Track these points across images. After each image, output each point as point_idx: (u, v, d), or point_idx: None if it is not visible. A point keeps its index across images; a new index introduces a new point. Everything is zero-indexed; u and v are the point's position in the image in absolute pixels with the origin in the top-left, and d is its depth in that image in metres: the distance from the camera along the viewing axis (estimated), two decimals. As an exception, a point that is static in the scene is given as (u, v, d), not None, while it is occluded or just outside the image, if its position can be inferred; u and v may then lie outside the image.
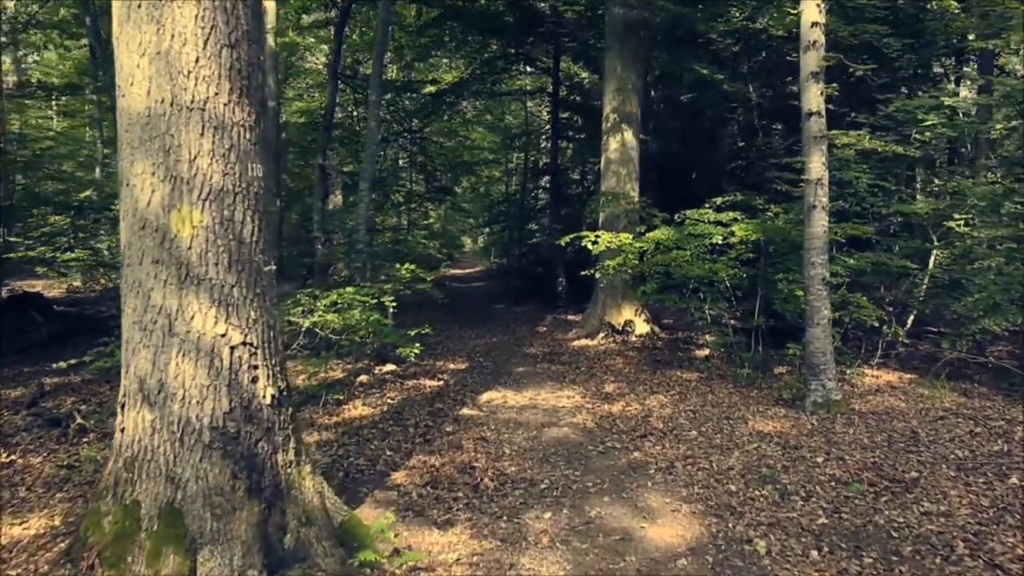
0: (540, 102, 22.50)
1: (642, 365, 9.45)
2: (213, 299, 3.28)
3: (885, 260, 8.88)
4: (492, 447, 6.15)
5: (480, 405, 7.59)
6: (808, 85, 7.19)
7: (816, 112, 7.16)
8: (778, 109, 15.85)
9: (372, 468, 5.45)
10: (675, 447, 6.14)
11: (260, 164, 3.48)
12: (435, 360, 9.90)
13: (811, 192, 7.19)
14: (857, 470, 5.45)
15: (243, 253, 3.38)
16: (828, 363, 7.13)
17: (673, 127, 18.19)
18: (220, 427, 3.28)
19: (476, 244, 32.96)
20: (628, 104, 11.39)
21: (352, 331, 6.43)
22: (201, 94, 3.25)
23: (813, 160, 7.17)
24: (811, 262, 7.19)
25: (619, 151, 11.41)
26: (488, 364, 9.79)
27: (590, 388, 8.35)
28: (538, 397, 7.95)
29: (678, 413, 7.22)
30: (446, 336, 11.87)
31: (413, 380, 8.53)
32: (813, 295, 7.18)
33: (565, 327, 12.44)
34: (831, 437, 6.29)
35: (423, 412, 7.14)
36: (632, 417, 7.11)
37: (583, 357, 10.03)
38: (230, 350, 3.33)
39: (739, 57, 16.19)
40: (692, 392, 8.07)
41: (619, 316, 11.22)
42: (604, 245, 9.59)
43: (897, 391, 8.06)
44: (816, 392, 7.10)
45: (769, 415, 7.07)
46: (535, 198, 20.99)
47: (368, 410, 7.05)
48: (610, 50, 11.53)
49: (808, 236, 7.24)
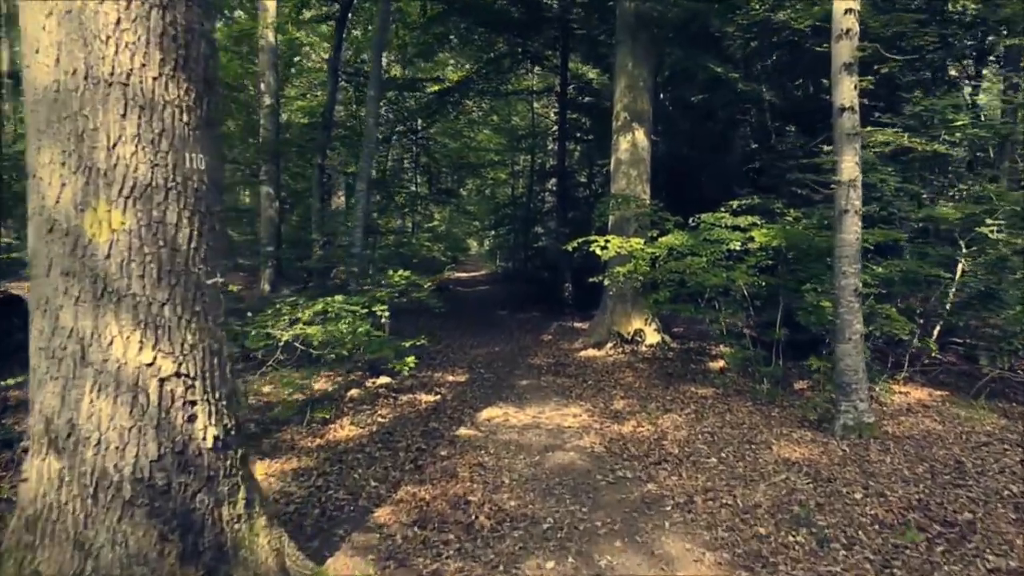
0: (547, 103, 21.85)
1: (653, 379, 8.75)
2: (138, 320, 2.62)
3: (915, 268, 8.16)
4: (490, 475, 5.46)
5: (479, 424, 6.91)
6: (840, 78, 6.48)
7: (849, 107, 6.46)
8: (792, 110, 15.25)
9: (353, 503, 4.77)
10: (693, 477, 5.45)
11: (203, 155, 2.81)
12: (433, 371, 9.22)
13: (843, 195, 6.49)
14: (901, 509, 4.75)
15: (177, 263, 2.71)
16: (860, 382, 6.42)
17: (683, 128, 17.51)
18: (145, 478, 2.61)
19: (482, 247, 32.28)
20: (639, 102, 10.71)
21: (338, 345, 5.76)
22: (123, 65, 2.59)
23: (845, 160, 6.46)
24: (842, 271, 6.49)
25: (630, 151, 10.73)
26: (489, 376, 9.11)
27: (598, 405, 7.66)
28: (542, 415, 7.27)
29: (694, 435, 6.52)
30: (447, 345, 11.19)
31: (408, 394, 7.85)
32: (844, 307, 6.47)
33: (571, 335, 11.75)
34: (867, 467, 5.58)
35: (416, 433, 6.46)
36: (644, 440, 6.41)
37: (590, 369, 9.34)
38: (159, 383, 2.66)
39: (752, 57, 15.54)
40: (708, 410, 7.37)
41: (628, 325, 10.52)
42: (614, 250, 8.91)
43: (930, 411, 7.35)
44: (846, 414, 6.39)
45: (795, 439, 6.37)
46: (542, 201, 20.33)
47: (356, 431, 6.37)
48: (621, 45, 10.85)
49: (839, 243, 6.53)
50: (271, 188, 16.09)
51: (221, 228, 2.95)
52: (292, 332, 5.51)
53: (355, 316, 6.43)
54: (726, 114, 16.82)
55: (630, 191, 10.64)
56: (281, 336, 5.49)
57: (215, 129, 2.93)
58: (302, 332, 5.53)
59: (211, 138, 2.89)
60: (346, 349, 5.79)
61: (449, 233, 24.58)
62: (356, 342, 5.70)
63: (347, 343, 5.70)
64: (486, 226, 24.74)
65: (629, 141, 10.72)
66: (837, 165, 6.54)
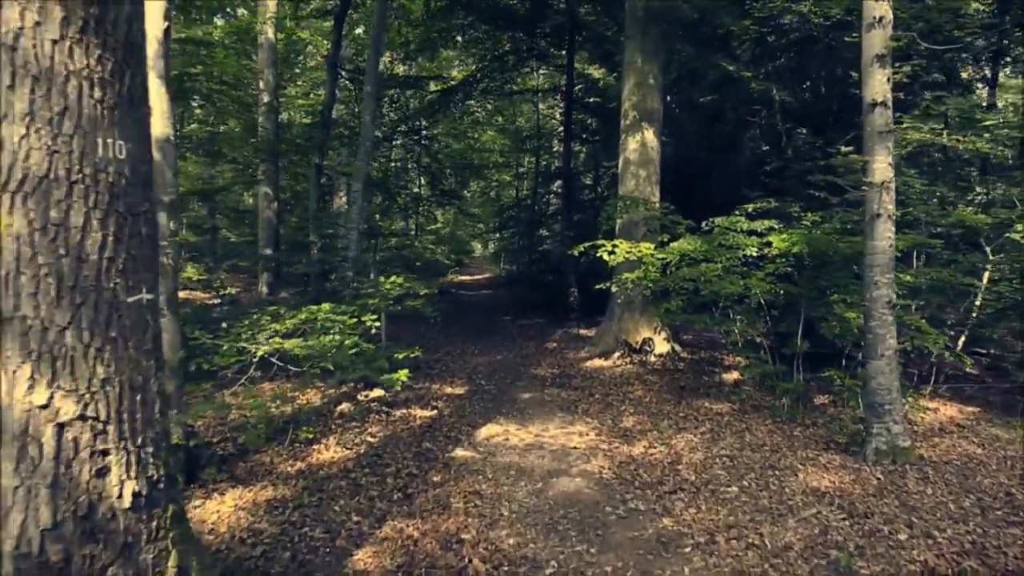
0: (553, 104, 21.27)
1: (664, 392, 8.13)
2: (28, 350, 2.03)
3: (946, 277, 7.53)
4: (487, 506, 4.86)
5: (477, 444, 6.30)
6: (872, 70, 5.86)
7: (881, 102, 5.83)
8: (803, 111, 14.71)
9: (331, 543, 4.17)
10: (714, 510, 4.83)
11: (123, 141, 2.22)
12: (431, 383, 8.62)
13: (874, 198, 5.86)
14: (954, 554, 4.12)
15: (84, 277, 2.12)
16: (894, 403, 5.79)
17: (691, 130, 16.92)
18: (34, 554, 2.02)
19: (486, 250, 31.68)
20: (649, 100, 10.10)
21: (320, 360, 5.16)
22: (10, 23, 2.00)
23: (878, 160, 5.84)
24: (874, 281, 5.86)
25: (639, 151, 10.12)
26: (490, 388, 8.51)
27: (606, 422, 7.05)
28: (545, 433, 6.66)
29: (712, 459, 5.90)
30: (446, 352, 10.59)
31: (402, 409, 7.25)
32: (876, 321, 5.85)
33: (577, 344, 11.13)
34: (907, 499, 4.96)
35: (408, 454, 5.85)
36: (657, 464, 5.80)
37: (597, 381, 8.72)
38: (57, 429, 2.07)
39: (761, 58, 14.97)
40: (725, 429, 6.74)
41: (637, 334, 9.91)
42: (622, 256, 8.30)
43: (965, 431, 6.72)
44: (879, 437, 5.76)
45: (822, 464, 5.74)
46: (546, 203, 19.73)
47: (342, 452, 5.77)
48: (630, 40, 10.24)
49: (870, 250, 5.91)
50: (269, 188, 15.53)
51: (150, 233, 2.36)
52: (267, 347, 4.91)
53: (342, 328, 5.84)
54: (735, 115, 16.28)
55: (639, 193, 10.04)
56: (256, 351, 4.90)
57: (141, 109, 2.33)
58: (279, 346, 4.93)
59: (136, 120, 2.30)
60: (330, 364, 5.18)
61: (453, 236, 24.02)
62: (340, 358, 5.10)
63: (330, 358, 5.10)
64: (490, 228, 24.15)
65: (638, 141, 10.11)
66: (868, 166, 5.92)
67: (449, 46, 16.00)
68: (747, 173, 15.51)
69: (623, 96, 10.36)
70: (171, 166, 4.69)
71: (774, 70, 14.74)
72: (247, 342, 4.99)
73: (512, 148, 21.64)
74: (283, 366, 5.30)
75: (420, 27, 14.99)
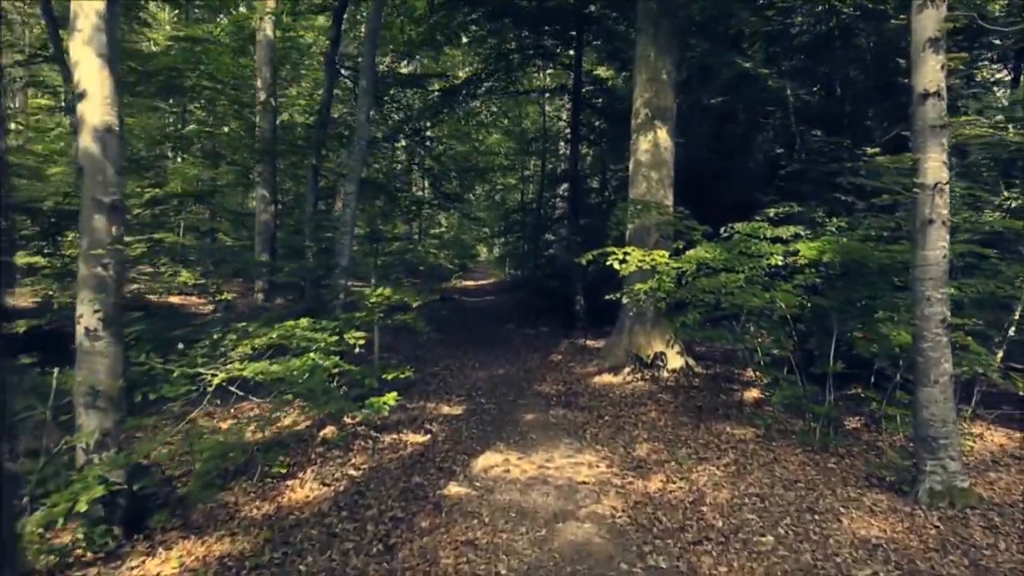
0: (559, 106, 20.50)
1: (680, 414, 7.33)
2: None
3: (995, 289, 6.72)
4: (482, 561, 4.08)
5: (474, 477, 5.52)
6: (924, 56, 5.06)
7: (935, 92, 5.03)
8: (817, 112, 14.03)
9: (289, 619, 3.41)
10: (747, 568, 4.04)
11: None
12: (426, 401, 7.85)
13: (926, 202, 5.06)
14: (1049, 637, 3.33)
15: None
16: (950, 435, 4.99)
17: (701, 132, 16.15)
18: None
19: (491, 254, 30.86)
20: (662, 97, 9.31)
21: (290, 386, 4.39)
22: None
23: (931, 158, 5.04)
24: (925, 296, 5.06)
25: (651, 152, 9.33)
26: (491, 407, 7.72)
27: (617, 449, 6.26)
28: (550, 464, 5.87)
29: (740, 498, 5.11)
30: (445, 366, 9.81)
31: (392, 434, 6.48)
32: (928, 342, 5.04)
33: (584, 356, 10.33)
34: (976, 557, 4.15)
35: (394, 492, 5.07)
36: (678, 504, 5.01)
37: (607, 400, 7.93)
38: None
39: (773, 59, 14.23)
40: (752, 460, 5.94)
41: (648, 347, 9.11)
42: (634, 264, 7.51)
43: (1023, 463, 5.91)
44: (933, 476, 4.96)
45: (868, 507, 4.94)
46: (552, 207, 18.95)
47: (318, 490, 4.99)
48: (642, 34, 9.46)
49: (920, 261, 5.10)
50: (266, 191, 14.81)
51: None
52: (224, 374, 4.14)
53: (322, 346, 5.07)
54: (747, 117, 15.57)
55: (651, 196, 9.25)
56: (211, 378, 4.14)
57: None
58: (239, 372, 4.16)
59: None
60: (304, 389, 4.40)
61: (457, 240, 23.25)
62: (311, 386, 4.33)
63: (300, 386, 4.33)
64: (495, 232, 23.37)
65: (650, 141, 9.32)
66: (919, 165, 5.11)
67: (453, 43, 15.22)
68: (761, 176, 14.80)
69: (634, 93, 9.58)
70: (113, 161, 3.93)
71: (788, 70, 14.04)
72: (204, 367, 4.23)
73: (517, 151, 20.87)
74: (243, 396, 4.54)
75: (423, 24, 14.23)
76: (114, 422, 3.89)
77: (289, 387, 4.37)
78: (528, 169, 22.41)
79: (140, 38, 15.90)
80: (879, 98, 13.83)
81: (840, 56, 14.12)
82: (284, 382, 4.34)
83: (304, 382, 4.31)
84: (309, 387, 4.32)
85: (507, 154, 21.93)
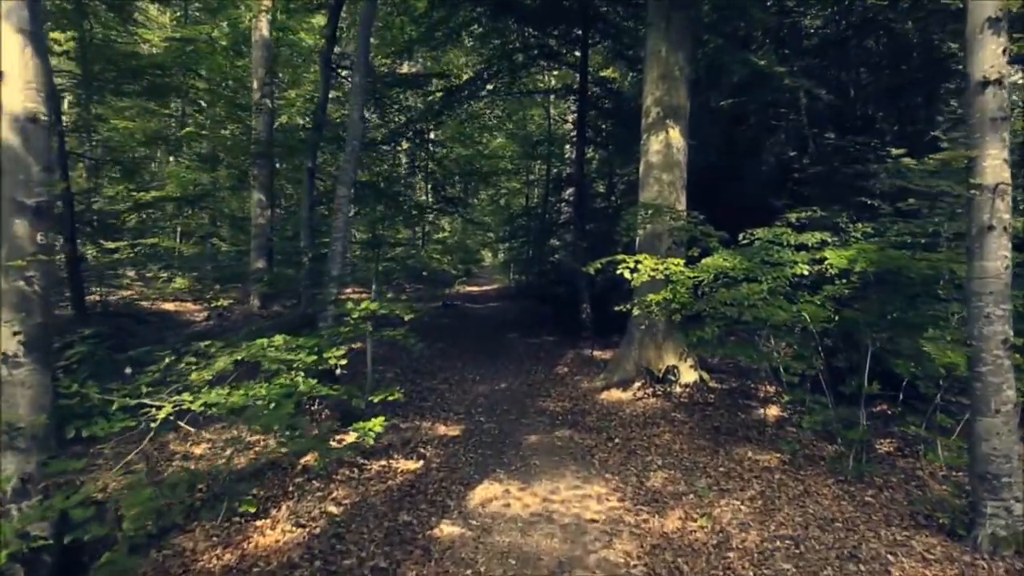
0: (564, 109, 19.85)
1: (697, 436, 6.64)
2: None
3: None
4: (475, 627, 3.41)
5: (469, 513, 4.85)
6: (982, 39, 4.38)
7: (995, 80, 4.34)
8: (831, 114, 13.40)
9: None
10: (789, 638, 3.35)
11: None
12: (421, 419, 7.18)
13: (984, 205, 4.37)
14: None
15: None
16: (1013, 473, 4.29)
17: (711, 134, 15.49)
18: None
19: (496, 259, 30.17)
20: (674, 94, 8.64)
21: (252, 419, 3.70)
22: None
23: (990, 154, 4.36)
24: (984, 314, 4.37)
25: (662, 153, 8.65)
26: (491, 427, 7.04)
27: (629, 479, 5.57)
28: (555, 496, 5.19)
29: (770, 541, 4.42)
30: (444, 379, 9.14)
31: (381, 460, 5.81)
32: (988, 365, 4.35)
33: (590, 368, 9.64)
34: (1058, 623, 3.46)
35: (378, 534, 4.40)
36: (700, 548, 4.33)
37: (616, 420, 7.24)
38: None
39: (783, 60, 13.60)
40: (780, 492, 5.25)
41: (660, 361, 8.42)
42: (646, 274, 6.84)
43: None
44: (995, 519, 4.26)
45: (919, 552, 4.24)
46: (557, 211, 18.27)
47: (292, 532, 4.32)
48: (653, 29, 8.79)
49: (977, 273, 4.41)
50: (263, 194, 14.20)
51: None
52: (168, 407, 3.47)
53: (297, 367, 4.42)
54: (758, 119, 14.94)
55: (662, 200, 8.57)
56: (156, 413, 3.47)
57: None
58: (189, 403, 3.49)
59: None
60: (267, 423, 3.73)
61: (461, 245, 22.60)
62: (275, 421, 3.65)
63: (261, 420, 3.65)
64: (500, 237, 22.68)
65: (662, 141, 8.65)
66: (975, 163, 4.43)
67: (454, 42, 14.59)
68: (773, 180, 14.17)
69: (645, 91, 8.91)
70: (39, 157, 3.29)
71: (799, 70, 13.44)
72: (151, 396, 3.58)
73: (522, 154, 20.22)
74: (193, 432, 3.88)
75: (423, 24, 13.60)
76: (37, 465, 3.23)
77: (249, 420, 3.69)
78: (533, 173, 21.75)
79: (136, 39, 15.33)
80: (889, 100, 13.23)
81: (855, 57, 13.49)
82: (245, 413, 3.67)
83: (269, 414, 3.65)
84: (271, 422, 3.65)
85: (511, 158, 21.29)
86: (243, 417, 3.66)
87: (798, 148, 14.52)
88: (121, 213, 13.11)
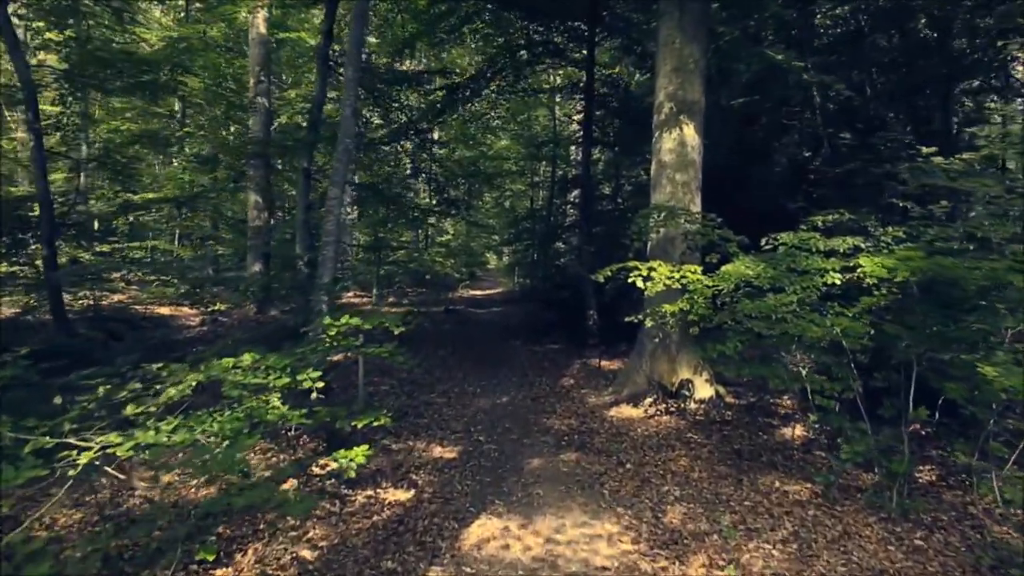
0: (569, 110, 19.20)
1: (716, 462, 5.95)
2: None
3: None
4: None
5: (463, 557, 4.19)
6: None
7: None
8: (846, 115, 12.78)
9: None
10: None
11: None
12: (415, 439, 6.53)
13: (1062, 207, 3.69)
14: None
15: None
16: (1100, 523, 3.61)
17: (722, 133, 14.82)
18: None
19: (501, 262, 29.52)
20: (689, 88, 7.96)
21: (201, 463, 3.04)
22: None
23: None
24: (1063, 334, 3.69)
25: (676, 151, 7.98)
26: (491, 449, 6.37)
27: (643, 514, 4.90)
28: (559, 537, 4.52)
29: (811, 598, 3.74)
30: (443, 392, 8.47)
31: (368, 489, 5.15)
32: (1068, 395, 3.67)
33: (598, 380, 8.97)
34: None
35: (355, 587, 3.76)
36: (730, 608, 3.65)
37: (627, 441, 6.55)
38: None
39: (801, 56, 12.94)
40: (816, 533, 4.56)
41: (673, 374, 7.75)
42: (661, 282, 6.18)
43: None
44: (1079, 577, 3.58)
45: (989, 617, 3.56)
46: (563, 214, 17.60)
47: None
48: (666, 18, 8.13)
49: (1054, 286, 3.73)
50: (259, 196, 13.59)
51: None
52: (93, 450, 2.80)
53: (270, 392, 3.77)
54: (771, 118, 14.28)
55: (676, 202, 7.89)
56: (77, 458, 2.81)
57: None
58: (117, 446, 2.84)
59: None
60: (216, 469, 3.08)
61: (465, 247, 21.99)
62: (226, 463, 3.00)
63: (211, 464, 2.99)
64: (504, 240, 22.05)
65: (675, 139, 7.98)
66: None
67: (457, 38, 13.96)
68: (787, 181, 13.51)
69: (657, 85, 8.23)
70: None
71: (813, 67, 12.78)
72: (76, 434, 2.94)
73: (527, 156, 19.56)
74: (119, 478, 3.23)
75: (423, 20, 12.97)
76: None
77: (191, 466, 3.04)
78: (538, 175, 21.10)
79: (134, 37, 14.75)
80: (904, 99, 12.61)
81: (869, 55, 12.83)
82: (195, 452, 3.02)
83: (219, 457, 3.00)
84: (221, 467, 3.00)
85: (516, 159, 20.66)
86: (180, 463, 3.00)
87: (812, 148, 13.88)
88: (113, 215, 12.51)
